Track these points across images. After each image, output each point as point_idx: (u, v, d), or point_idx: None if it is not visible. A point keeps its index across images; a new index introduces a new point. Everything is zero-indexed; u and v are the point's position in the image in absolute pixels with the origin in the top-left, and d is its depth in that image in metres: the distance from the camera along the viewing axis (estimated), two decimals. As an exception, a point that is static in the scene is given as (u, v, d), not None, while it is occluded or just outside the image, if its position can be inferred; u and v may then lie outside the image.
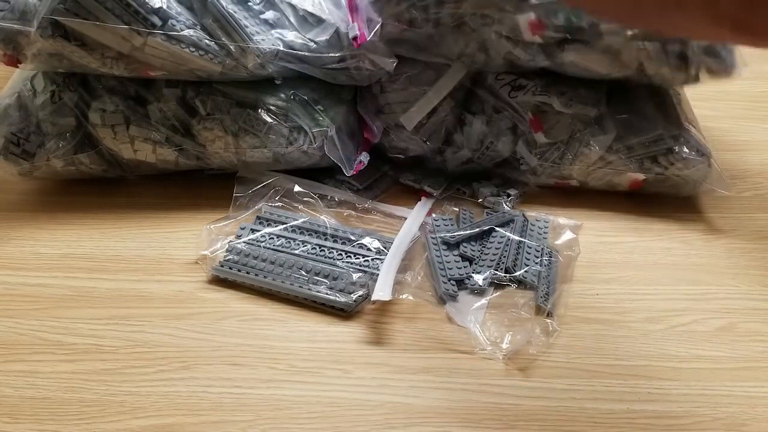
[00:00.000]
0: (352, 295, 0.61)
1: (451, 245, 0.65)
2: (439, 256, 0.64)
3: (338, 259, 0.64)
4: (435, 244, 0.65)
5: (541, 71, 0.69)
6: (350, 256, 0.64)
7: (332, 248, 0.65)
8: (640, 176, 0.71)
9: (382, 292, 0.58)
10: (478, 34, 0.65)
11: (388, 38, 0.65)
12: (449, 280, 0.62)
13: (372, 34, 0.62)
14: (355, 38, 0.62)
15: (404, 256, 0.64)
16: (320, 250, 0.65)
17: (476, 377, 0.56)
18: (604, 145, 0.70)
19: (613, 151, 0.70)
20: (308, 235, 0.67)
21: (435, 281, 0.63)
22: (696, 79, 0.66)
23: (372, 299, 0.59)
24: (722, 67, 0.64)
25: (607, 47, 0.64)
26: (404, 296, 0.61)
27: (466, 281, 0.63)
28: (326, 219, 0.68)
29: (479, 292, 0.62)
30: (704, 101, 0.82)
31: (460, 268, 0.63)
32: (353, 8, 0.65)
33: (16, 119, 0.72)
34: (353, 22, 0.63)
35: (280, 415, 0.53)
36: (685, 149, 0.69)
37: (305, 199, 0.71)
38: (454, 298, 0.62)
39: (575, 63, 0.65)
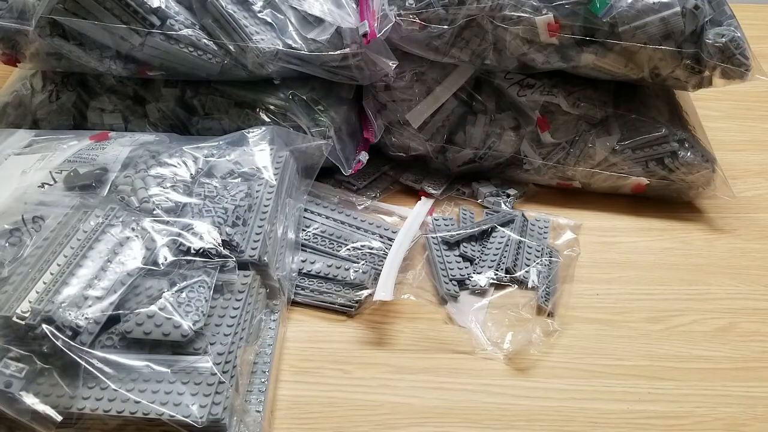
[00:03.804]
0: (353, 296, 0.61)
1: (452, 245, 0.65)
2: (440, 256, 0.64)
3: (339, 259, 0.64)
4: (435, 244, 0.65)
5: (549, 71, 0.68)
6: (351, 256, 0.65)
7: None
8: (644, 180, 0.71)
9: (384, 292, 0.58)
10: (494, 35, 0.65)
11: (399, 37, 0.65)
12: (450, 281, 0.62)
13: (383, 32, 0.62)
14: (365, 35, 0.62)
15: (405, 255, 0.63)
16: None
17: (477, 377, 0.56)
18: (608, 146, 0.70)
19: (617, 152, 0.70)
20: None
21: (436, 281, 0.63)
22: (709, 82, 0.66)
23: (374, 299, 0.59)
24: (737, 71, 0.64)
25: (623, 49, 0.64)
26: (405, 296, 0.61)
27: (467, 281, 0.63)
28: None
29: (480, 292, 0.62)
30: (704, 101, 0.82)
31: (461, 269, 0.63)
32: (364, 6, 0.64)
33: (13, 118, 0.72)
34: (364, 19, 0.63)
35: (279, 415, 0.53)
36: (690, 154, 0.69)
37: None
38: (455, 298, 0.62)
39: (591, 65, 0.65)
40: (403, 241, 0.64)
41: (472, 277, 0.63)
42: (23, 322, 0.45)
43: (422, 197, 0.72)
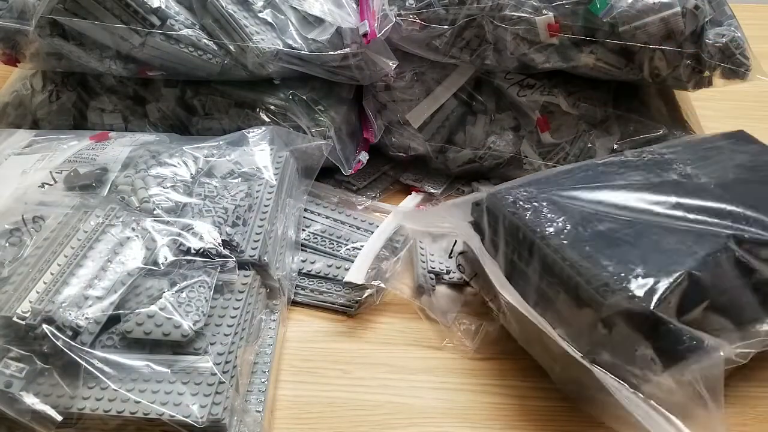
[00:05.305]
0: (353, 296, 0.61)
1: (436, 237, 0.65)
2: (422, 248, 0.64)
3: (339, 259, 0.64)
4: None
5: (549, 71, 0.68)
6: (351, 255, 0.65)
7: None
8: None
9: (355, 275, 0.59)
10: (494, 35, 0.65)
11: (400, 37, 0.65)
12: (428, 273, 0.62)
13: (383, 32, 0.62)
14: (365, 35, 0.62)
15: (386, 244, 0.63)
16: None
17: (477, 377, 0.56)
18: (608, 146, 0.70)
19: (617, 152, 0.70)
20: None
21: (414, 272, 0.63)
22: (710, 82, 0.66)
23: (344, 281, 0.59)
24: (737, 71, 0.64)
25: (623, 49, 0.64)
26: (377, 282, 0.60)
27: (444, 276, 0.62)
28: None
29: (458, 286, 0.62)
30: (705, 101, 0.81)
31: (441, 262, 0.63)
32: (364, 6, 0.64)
33: (13, 118, 0.72)
34: (364, 19, 0.63)
35: (279, 415, 0.53)
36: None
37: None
38: (430, 291, 0.61)
39: (591, 65, 0.65)
40: (383, 230, 0.64)
41: (450, 271, 0.62)
42: (24, 322, 0.45)
43: (413, 192, 0.72)
